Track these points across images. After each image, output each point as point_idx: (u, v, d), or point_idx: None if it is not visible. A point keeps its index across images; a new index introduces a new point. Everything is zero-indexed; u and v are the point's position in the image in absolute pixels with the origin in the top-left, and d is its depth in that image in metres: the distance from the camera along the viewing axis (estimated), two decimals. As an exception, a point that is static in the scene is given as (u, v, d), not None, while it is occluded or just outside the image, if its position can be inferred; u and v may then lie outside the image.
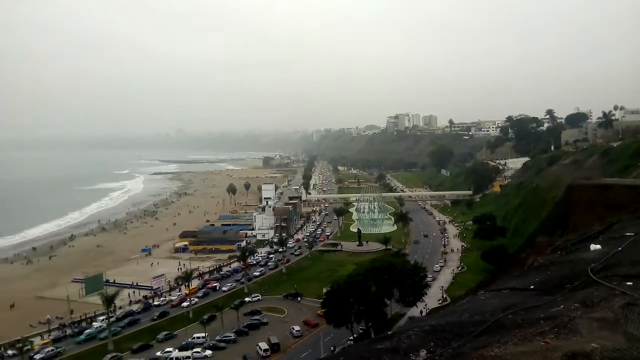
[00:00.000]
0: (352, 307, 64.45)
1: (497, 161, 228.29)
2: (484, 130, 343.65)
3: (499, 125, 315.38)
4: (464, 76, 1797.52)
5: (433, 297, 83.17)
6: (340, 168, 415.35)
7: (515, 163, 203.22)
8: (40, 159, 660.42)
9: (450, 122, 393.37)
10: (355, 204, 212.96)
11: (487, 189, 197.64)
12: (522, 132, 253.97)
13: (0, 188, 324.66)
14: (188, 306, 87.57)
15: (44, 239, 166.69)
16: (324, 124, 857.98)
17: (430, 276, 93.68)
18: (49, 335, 78.63)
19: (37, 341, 75.12)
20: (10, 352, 69.87)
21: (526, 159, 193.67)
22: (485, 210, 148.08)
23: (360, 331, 69.47)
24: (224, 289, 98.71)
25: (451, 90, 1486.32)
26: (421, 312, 72.37)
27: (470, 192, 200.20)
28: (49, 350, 69.59)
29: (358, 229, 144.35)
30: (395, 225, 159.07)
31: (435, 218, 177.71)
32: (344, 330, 66.86)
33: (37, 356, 66.23)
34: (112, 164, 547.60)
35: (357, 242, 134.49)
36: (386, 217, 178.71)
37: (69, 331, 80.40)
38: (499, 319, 6.26)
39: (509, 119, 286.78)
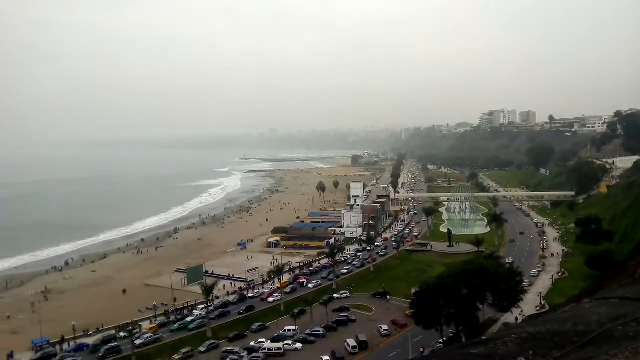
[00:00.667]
0: (442, 310, 63.07)
1: (604, 160, 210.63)
2: (589, 127, 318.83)
3: (606, 121, 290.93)
4: (566, 71, 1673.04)
5: (530, 304, 78.91)
6: (429, 167, 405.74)
7: (625, 162, 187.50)
8: (152, 157, 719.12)
9: (551, 118, 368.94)
10: (446, 203, 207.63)
11: (592, 190, 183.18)
12: (632, 129, 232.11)
13: (116, 184, 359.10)
14: (274, 301, 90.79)
15: (152, 231, 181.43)
16: (413, 122, 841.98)
17: (527, 281, 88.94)
18: (155, 321, 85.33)
19: (145, 325, 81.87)
20: (121, 334, 76.83)
21: (637, 157, 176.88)
22: (589, 213, 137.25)
23: (451, 334, 67.84)
24: (309, 285, 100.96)
25: (551, 86, 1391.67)
26: (516, 318, 68.99)
27: (572, 193, 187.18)
28: (148, 336, 75.24)
29: (448, 229, 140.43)
30: (488, 227, 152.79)
31: (532, 220, 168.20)
32: (433, 333, 65.67)
33: (137, 341, 71.29)
34: (214, 163, 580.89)
35: (448, 243, 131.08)
36: (479, 217, 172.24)
37: (172, 317, 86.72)
38: (607, 330, 5.93)
39: (618, 114, 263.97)
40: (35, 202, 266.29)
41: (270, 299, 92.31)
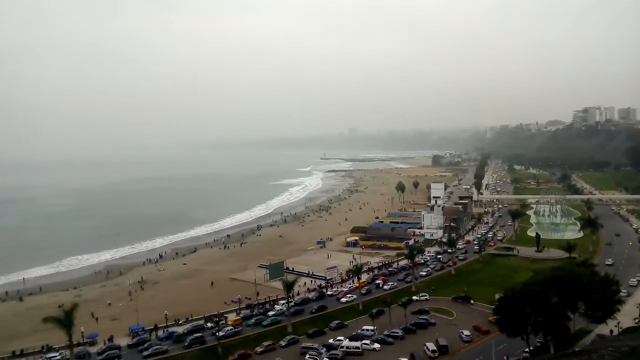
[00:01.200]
0: (529, 317, 60.22)
1: None
2: None
3: None
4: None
5: (627, 315, 73.05)
6: (516, 167, 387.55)
7: None
8: (241, 157, 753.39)
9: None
10: (534, 206, 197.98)
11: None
12: None
13: (208, 183, 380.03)
14: (347, 302, 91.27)
15: (237, 228, 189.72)
16: (499, 121, 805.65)
17: (625, 291, 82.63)
18: (239, 313, 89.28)
19: (231, 317, 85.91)
20: (209, 324, 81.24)
21: None
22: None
23: (538, 344, 64.66)
24: (385, 287, 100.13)
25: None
26: (611, 331, 64.36)
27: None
28: (229, 329, 78.48)
29: (537, 233, 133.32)
30: (581, 232, 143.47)
31: (632, 225, 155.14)
32: (518, 341, 62.91)
33: (219, 333, 74.25)
34: (296, 163, 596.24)
35: (535, 248, 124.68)
36: (570, 221, 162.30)
37: (255, 311, 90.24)
38: None
39: None
40: (135, 198, 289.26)
41: (344, 299, 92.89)
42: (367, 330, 75.12)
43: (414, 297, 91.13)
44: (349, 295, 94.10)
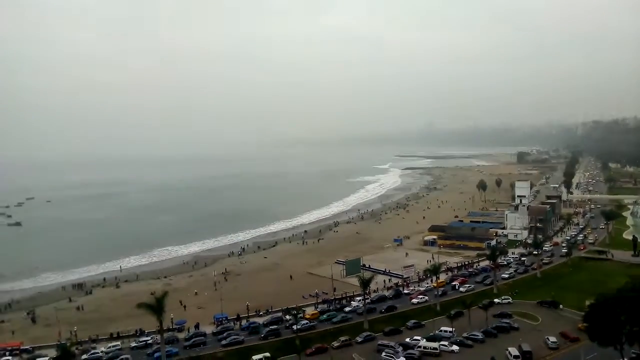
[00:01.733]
0: (624, 326, 56.17)
1: None
2: None
3: None
4: None
5: None
6: (611, 165, 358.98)
7: None
8: (322, 154, 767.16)
9: None
10: (631, 207, 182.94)
11: None
12: None
13: (289, 180, 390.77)
14: (417, 303, 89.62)
15: (314, 224, 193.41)
16: (592, 115, 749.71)
17: None
18: (317, 307, 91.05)
19: (309, 311, 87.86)
20: (287, 317, 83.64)
21: None
22: None
23: (633, 355, 60.08)
24: (461, 289, 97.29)
25: None
26: None
27: None
28: (304, 323, 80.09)
29: (634, 236, 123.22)
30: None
31: None
32: (611, 351, 58.82)
33: (294, 326, 76.26)
34: (374, 159, 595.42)
35: (633, 252, 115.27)
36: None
37: (331, 306, 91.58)
38: None
39: None
40: (219, 194, 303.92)
41: (415, 301, 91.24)
42: (446, 331, 73.67)
43: (496, 300, 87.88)
44: (420, 297, 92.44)
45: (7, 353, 73.43)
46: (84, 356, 70.39)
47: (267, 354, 65.96)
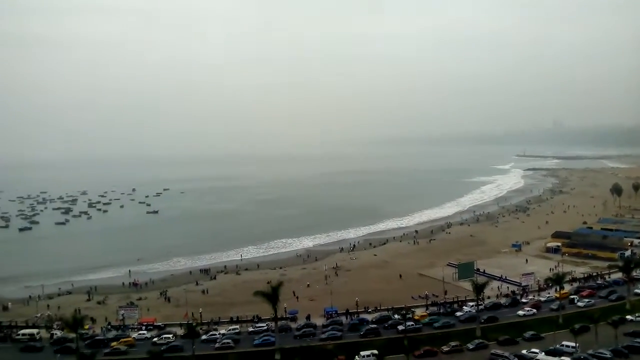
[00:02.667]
0: None
1: None
2: None
3: None
4: None
5: None
6: None
7: None
8: (436, 153, 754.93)
9: None
10: None
11: None
12: None
13: (400, 177, 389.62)
14: (524, 315, 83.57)
15: (426, 224, 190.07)
16: None
17: None
18: (427, 310, 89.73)
19: (418, 312, 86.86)
20: (396, 316, 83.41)
21: None
22: None
23: None
24: (579, 304, 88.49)
25: None
26: None
27: None
28: (410, 324, 77.86)
29: None
30: None
31: None
32: None
33: (399, 327, 75.99)
34: (493, 159, 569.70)
35: None
36: None
37: (442, 309, 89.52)
38: None
39: None
40: (330, 191, 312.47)
41: (520, 312, 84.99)
42: (568, 346, 68.37)
43: (629, 317, 79.41)
44: (527, 309, 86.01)
45: (144, 327, 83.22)
46: (204, 336, 77.12)
47: (375, 351, 66.71)
